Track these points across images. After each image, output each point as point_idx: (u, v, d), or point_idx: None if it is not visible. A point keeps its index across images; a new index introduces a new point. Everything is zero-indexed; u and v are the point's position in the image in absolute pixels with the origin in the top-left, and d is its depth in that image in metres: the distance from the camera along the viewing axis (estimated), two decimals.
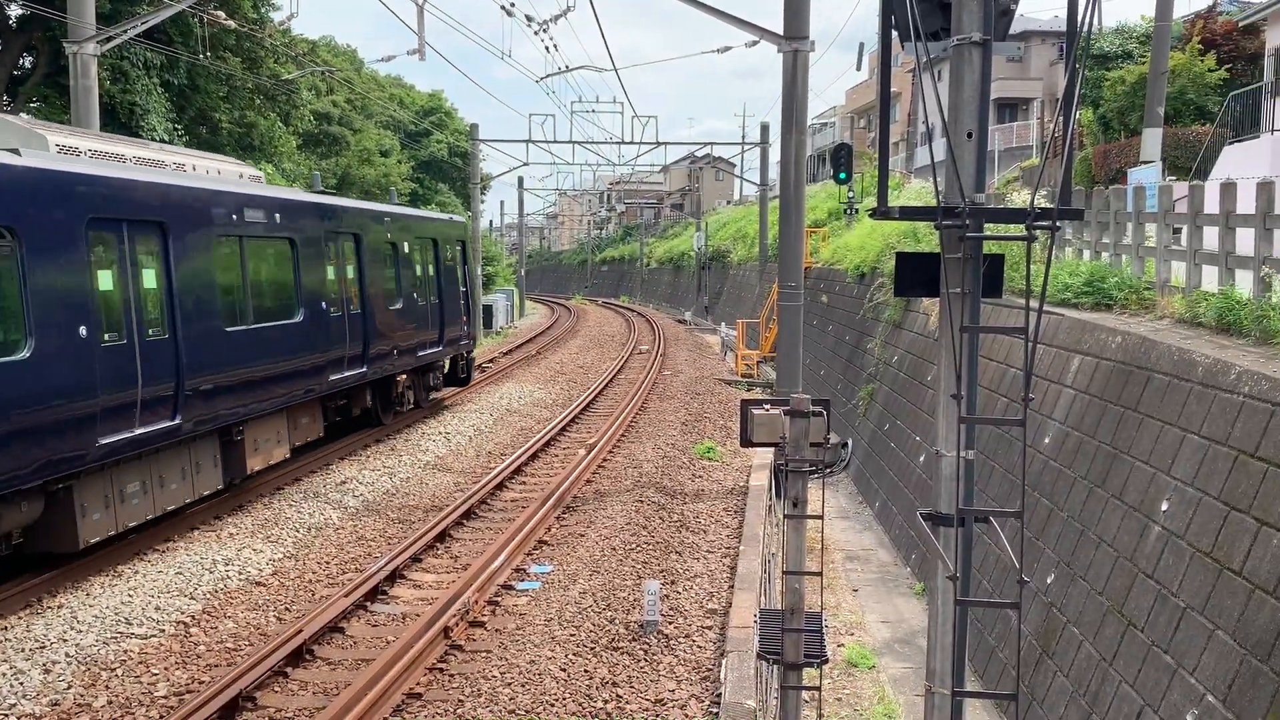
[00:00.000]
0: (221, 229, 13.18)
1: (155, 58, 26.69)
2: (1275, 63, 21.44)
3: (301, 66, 35.34)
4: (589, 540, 12.51)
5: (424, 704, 8.30)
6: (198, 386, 12.24)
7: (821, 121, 70.19)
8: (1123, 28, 30.72)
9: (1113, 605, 9.35)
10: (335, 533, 13.04)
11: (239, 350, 13.26)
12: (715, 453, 17.67)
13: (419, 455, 17.57)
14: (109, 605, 10.09)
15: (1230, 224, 11.02)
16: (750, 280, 48.87)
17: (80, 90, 17.56)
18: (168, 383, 11.74)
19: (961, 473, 4.83)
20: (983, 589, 12.20)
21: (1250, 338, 9.90)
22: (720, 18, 16.73)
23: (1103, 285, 13.34)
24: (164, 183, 12.15)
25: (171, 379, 11.81)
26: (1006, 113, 44.18)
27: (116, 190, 11.25)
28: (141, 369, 11.27)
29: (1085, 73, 26.33)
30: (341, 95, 50.27)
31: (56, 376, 9.99)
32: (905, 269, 5.27)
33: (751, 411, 6.72)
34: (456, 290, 22.51)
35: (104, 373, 10.62)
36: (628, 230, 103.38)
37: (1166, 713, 7.98)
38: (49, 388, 9.88)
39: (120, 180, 11.42)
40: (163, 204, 11.95)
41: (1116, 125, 25.97)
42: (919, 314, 19.66)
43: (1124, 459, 10.02)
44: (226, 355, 12.95)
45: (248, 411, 13.54)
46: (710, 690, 8.33)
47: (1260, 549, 7.47)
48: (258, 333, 13.82)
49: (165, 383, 11.69)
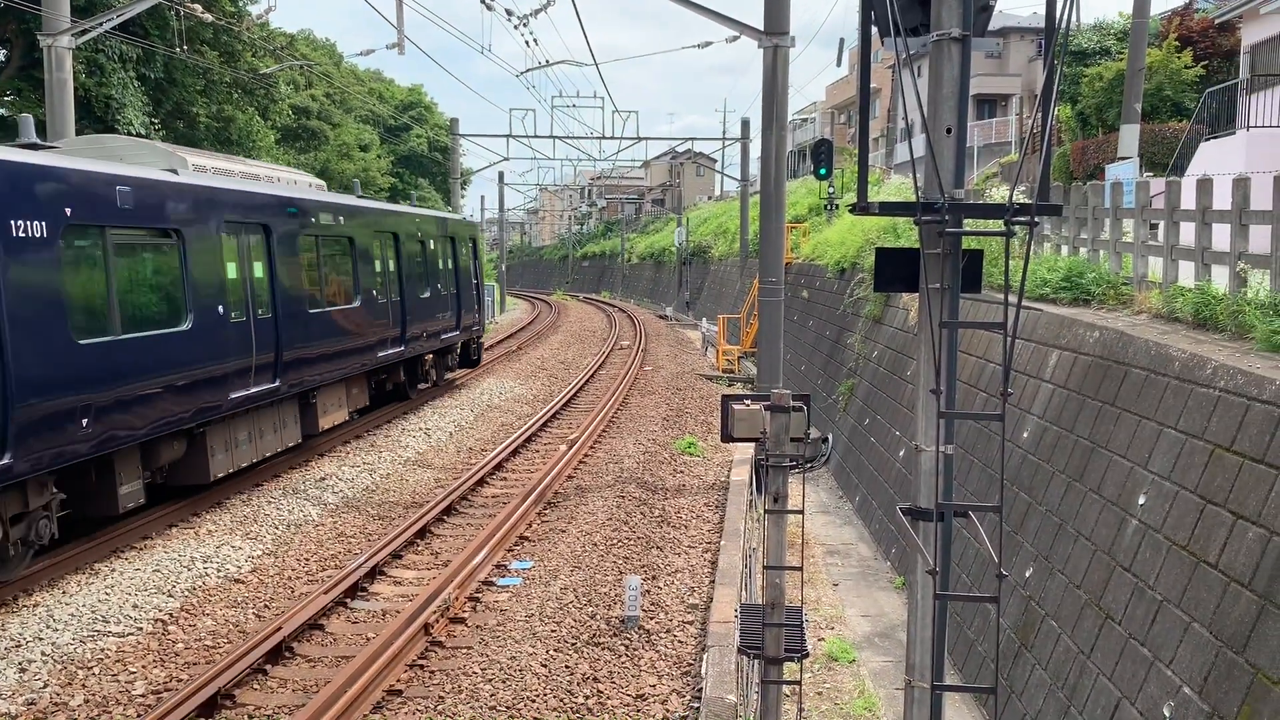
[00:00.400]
0: (305, 229, 16.06)
1: (131, 51, 26.45)
2: (1250, 59, 21.61)
3: (280, 60, 35.11)
4: (570, 536, 12.50)
5: (404, 700, 8.27)
6: (290, 357, 15.12)
7: (802, 117, 70.34)
8: (1101, 24, 30.93)
9: (1090, 598, 9.42)
10: (315, 529, 12.98)
11: (317, 329, 16.22)
12: (696, 448, 17.68)
13: (399, 451, 17.50)
14: (85, 603, 10.01)
15: (1206, 220, 11.10)
16: (731, 276, 48.92)
17: (55, 84, 17.39)
18: (270, 353, 14.59)
19: (941, 467, 4.84)
20: (962, 583, 12.26)
21: (1226, 333, 9.98)
22: (701, 13, 16.73)
23: (1081, 281, 13.41)
24: (265, 193, 15.09)
25: (273, 350, 14.65)
26: (985, 109, 44.38)
27: (239, 200, 14.16)
28: (255, 341, 14.14)
29: (1063, 69, 26.49)
30: (320, 89, 49.97)
31: (204, 344, 12.85)
32: (885, 264, 5.27)
33: (732, 407, 6.73)
34: (470, 282, 25.49)
35: (232, 343, 13.55)
36: (609, 226, 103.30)
37: (1144, 705, 8.05)
38: (201, 352, 12.75)
39: (241, 193, 14.32)
40: (266, 209, 14.91)
41: (1094, 121, 26.14)
42: (899, 309, 19.73)
43: (1102, 453, 10.09)
44: (308, 333, 15.89)
45: (320, 380, 16.43)
46: (691, 685, 8.34)
47: (1236, 542, 7.53)
48: (329, 315, 16.79)
49: (269, 353, 14.55)
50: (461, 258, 24.85)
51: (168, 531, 12.54)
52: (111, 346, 11.07)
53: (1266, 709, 6.62)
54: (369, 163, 55.83)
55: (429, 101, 72.99)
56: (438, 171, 66.76)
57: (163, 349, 11.99)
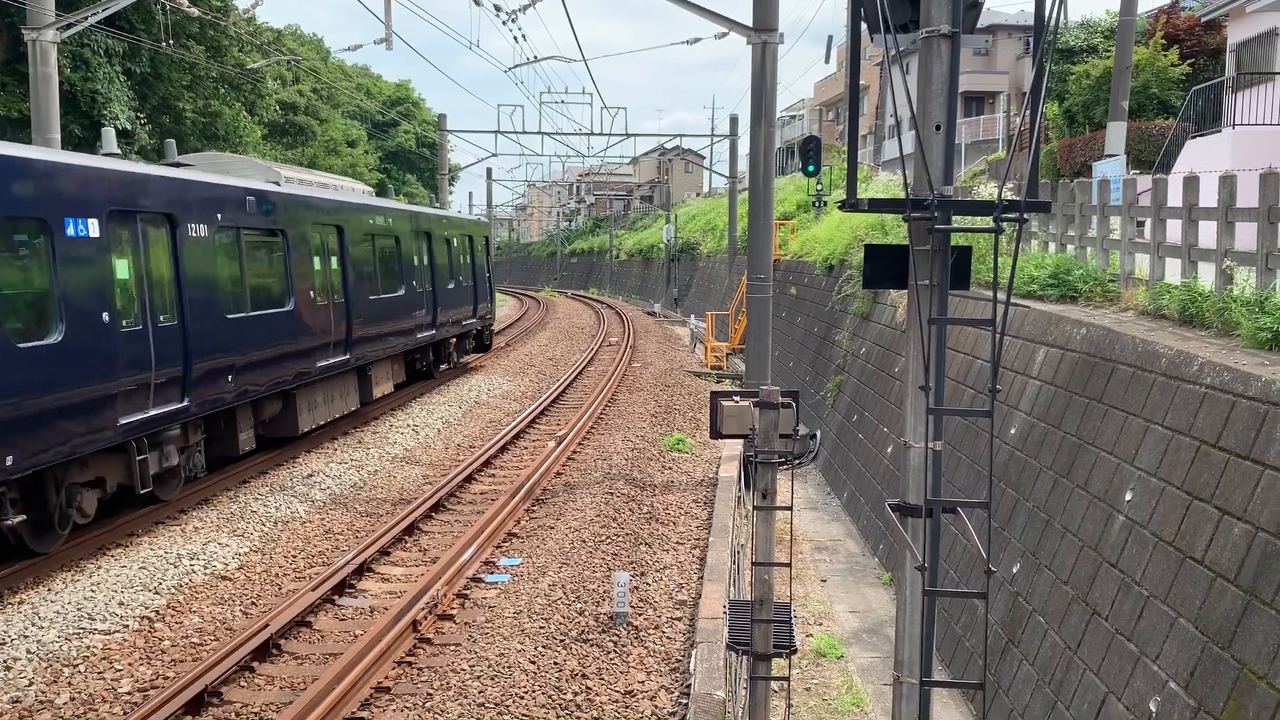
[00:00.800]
0: (366, 228, 19.58)
1: (117, 45, 26.29)
2: (1236, 58, 21.71)
3: (266, 55, 34.94)
4: (558, 533, 12.48)
5: (392, 698, 8.25)
6: (357, 335, 18.46)
7: (791, 114, 70.38)
8: (1088, 22, 30.99)
9: (1077, 594, 9.46)
10: (302, 526, 12.94)
11: (376, 312, 19.69)
12: (685, 444, 17.68)
13: (387, 448, 17.45)
14: (71, 601, 9.95)
15: (1193, 217, 11.14)
16: (719, 272, 48.93)
17: (39, 78, 17.24)
18: (344, 331, 17.91)
19: (929, 464, 4.85)
20: (950, 579, 12.30)
21: (1212, 329, 10.02)
22: (689, 9, 16.71)
23: (1068, 278, 13.44)
24: (339, 199, 18.74)
25: (345, 328, 17.98)
26: (973, 106, 44.49)
27: (322, 205, 17.66)
28: (334, 320, 17.49)
29: (1051, 67, 26.55)
30: (308, 85, 49.79)
31: (302, 321, 16.23)
32: (874, 261, 5.27)
33: (721, 403, 6.72)
34: (484, 275, 29.26)
35: (320, 321, 16.94)
36: (597, 222, 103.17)
37: (1130, 700, 8.09)
38: (299, 328, 16.11)
39: (323, 199, 17.86)
40: (340, 212, 18.37)
41: (1082, 119, 26.22)
42: (887, 306, 19.76)
43: (1089, 449, 10.12)
44: (371, 314, 19.33)
45: (375, 356, 19.71)
46: (680, 681, 8.35)
47: (1222, 538, 7.57)
48: (384, 301, 20.24)
49: (343, 331, 17.88)
50: (478, 253, 28.46)
51: (154, 529, 12.48)
52: (245, 321, 14.36)
53: (1252, 703, 6.66)
54: (356, 158, 55.70)
55: (417, 97, 72.87)
56: (425, 167, 66.62)
57: (275, 324, 15.32)
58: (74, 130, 24.87)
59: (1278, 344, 8.72)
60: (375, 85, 68.44)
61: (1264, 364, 8.22)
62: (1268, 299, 9.38)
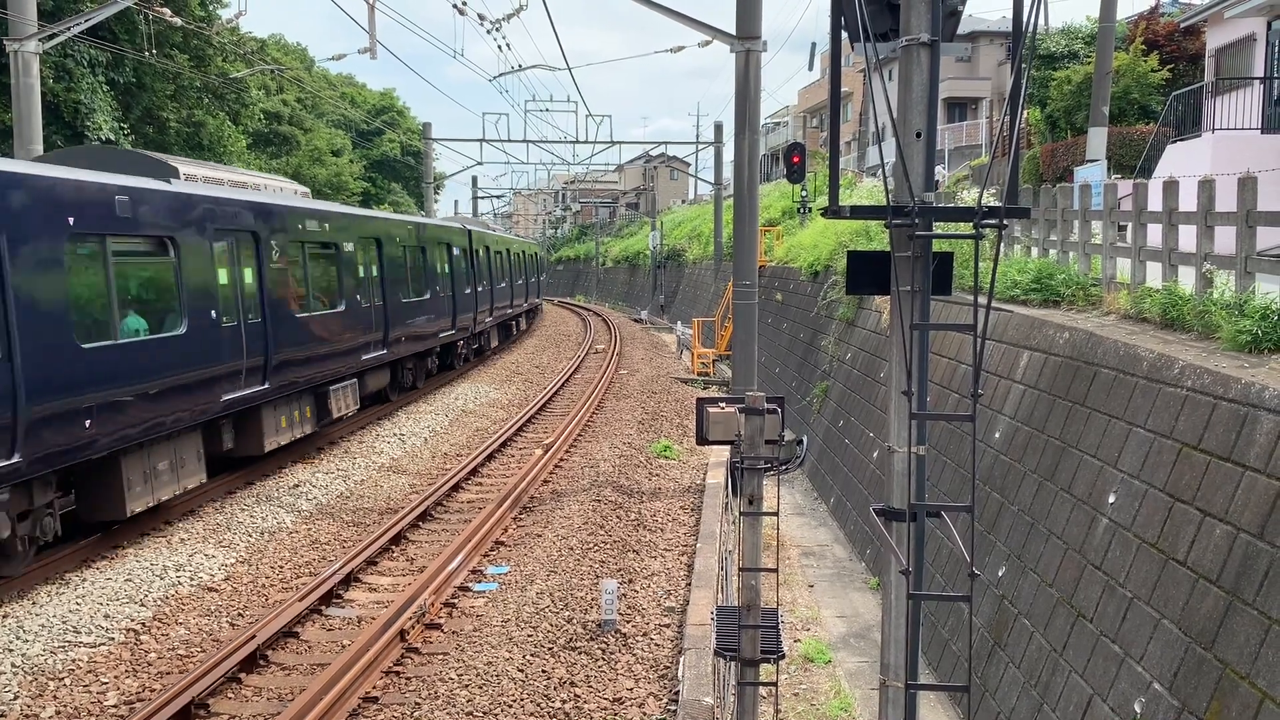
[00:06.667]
0: (398, 242, 21.94)
1: (100, 55, 26.21)
2: (1215, 63, 21.91)
3: (250, 65, 34.86)
4: (546, 540, 12.48)
5: (380, 708, 8.23)
6: (397, 336, 21.01)
7: (775, 121, 70.58)
8: (1068, 28, 31.21)
9: (1062, 597, 9.51)
10: (289, 537, 12.90)
11: (414, 313, 22.42)
12: (672, 451, 17.71)
13: (373, 458, 17.42)
14: (56, 614, 9.90)
15: (1173, 221, 11.24)
16: (705, 279, 49.00)
17: (22, 89, 17.19)
18: (380, 333, 20.08)
19: (913, 468, 4.89)
20: (936, 583, 12.35)
21: (1193, 332, 10.11)
22: (673, 17, 16.78)
23: (1050, 282, 13.53)
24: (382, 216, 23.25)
25: (383, 330, 20.20)
26: (955, 112, 44.72)
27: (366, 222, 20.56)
28: (374, 321, 19.68)
29: (1032, 73, 26.74)
30: (292, 94, 49.70)
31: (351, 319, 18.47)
32: (857, 267, 5.31)
33: (707, 410, 6.74)
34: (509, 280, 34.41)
35: (363, 321, 19.17)
36: (583, 230, 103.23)
37: (1115, 701, 8.14)
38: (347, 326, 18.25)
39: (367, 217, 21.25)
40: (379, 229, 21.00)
41: (1063, 124, 26.38)
42: (871, 311, 19.84)
43: (1072, 452, 10.19)
44: (408, 316, 21.92)
45: (408, 351, 22.47)
46: (668, 688, 8.36)
47: (1204, 539, 7.64)
48: (420, 302, 22.98)
49: (381, 330, 20.10)
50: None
51: (139, 540, 12.42)
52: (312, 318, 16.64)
53: (1235, 703, 6.71)
54: (341, 167, 55.57)
55: (401, 106, 72.78)
56: (410, 176, 66.55)
57: (331, 321, 17.46)
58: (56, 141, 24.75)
59: (1257, 346, 8.81)
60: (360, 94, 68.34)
61: (1243, 366, 8.30)
62: (1247, 302, 9.47)
